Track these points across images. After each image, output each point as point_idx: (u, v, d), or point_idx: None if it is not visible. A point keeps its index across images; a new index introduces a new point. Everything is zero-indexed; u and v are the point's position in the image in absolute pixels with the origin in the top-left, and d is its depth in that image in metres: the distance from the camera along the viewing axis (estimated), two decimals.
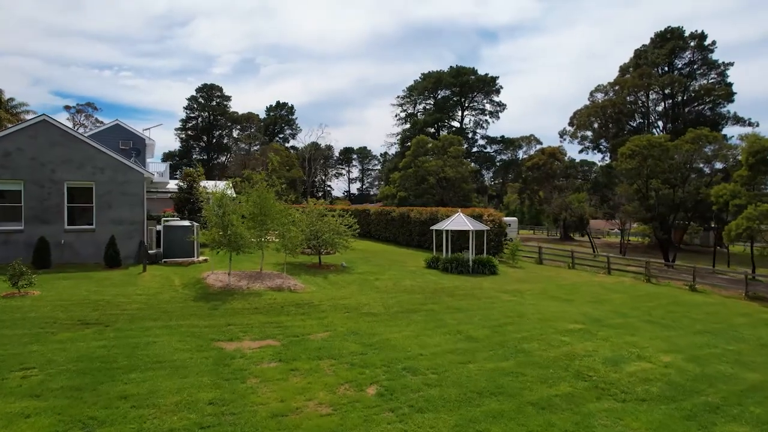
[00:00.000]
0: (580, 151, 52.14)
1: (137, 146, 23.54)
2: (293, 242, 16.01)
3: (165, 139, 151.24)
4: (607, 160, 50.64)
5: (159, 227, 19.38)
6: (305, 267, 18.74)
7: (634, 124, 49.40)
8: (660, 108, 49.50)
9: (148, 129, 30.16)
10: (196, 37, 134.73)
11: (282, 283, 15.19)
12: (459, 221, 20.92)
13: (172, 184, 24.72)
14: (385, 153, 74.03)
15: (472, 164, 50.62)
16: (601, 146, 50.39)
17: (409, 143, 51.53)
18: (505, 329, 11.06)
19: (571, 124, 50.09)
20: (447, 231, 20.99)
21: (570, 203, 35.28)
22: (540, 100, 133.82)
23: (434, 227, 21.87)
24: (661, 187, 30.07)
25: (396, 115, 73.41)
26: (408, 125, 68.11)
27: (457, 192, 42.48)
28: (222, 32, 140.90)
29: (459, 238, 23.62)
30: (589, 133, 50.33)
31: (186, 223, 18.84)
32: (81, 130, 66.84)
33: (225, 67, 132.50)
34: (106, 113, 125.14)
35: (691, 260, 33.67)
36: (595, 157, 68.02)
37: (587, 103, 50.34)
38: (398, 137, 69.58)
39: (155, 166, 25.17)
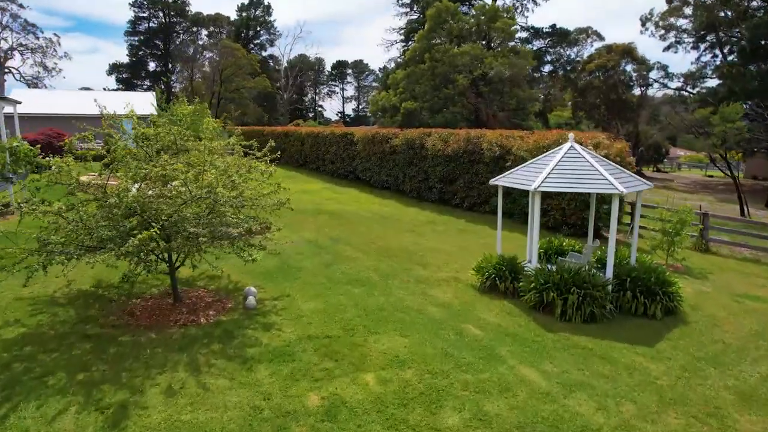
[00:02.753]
0: (666, 49, 35.42)
1: None
2: None
3: (114, 50, 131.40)
4: (703, 61, 34.90)
5: None
6: (121, 316, 5.52)
7: (756, 4, 33.09)
8: None
9: None
10: None
11: None
12: (578, 164, 7.24)
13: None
14: (385, 67, 53.77)
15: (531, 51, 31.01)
16: (707, 39, 33.93)
17: (414, 36, 33.11)
18: None
19: (669, 0, 33.26)
20: (538, 192, 7.29)
21: (708, 122, 18.51)
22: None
23: (504, 182, 7.97)
24: None
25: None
26: (415, 14, 45.71)
27: (506, 102, 24.90)
28: None
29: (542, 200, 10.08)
30: (683, 22, 33.99)
31: None
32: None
33: None
34: (99, 33, 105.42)
35: None
36: (688, 57, 49.10)
37: None
38: (401, 32, 46.90)
39: None
